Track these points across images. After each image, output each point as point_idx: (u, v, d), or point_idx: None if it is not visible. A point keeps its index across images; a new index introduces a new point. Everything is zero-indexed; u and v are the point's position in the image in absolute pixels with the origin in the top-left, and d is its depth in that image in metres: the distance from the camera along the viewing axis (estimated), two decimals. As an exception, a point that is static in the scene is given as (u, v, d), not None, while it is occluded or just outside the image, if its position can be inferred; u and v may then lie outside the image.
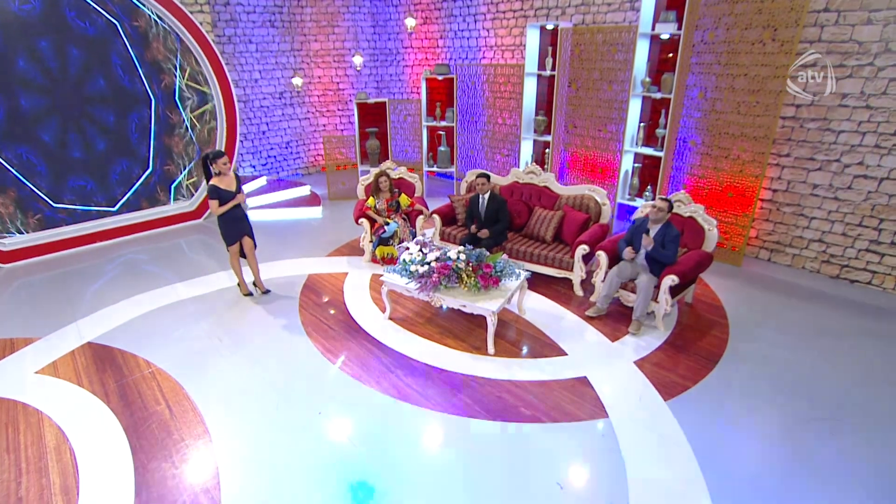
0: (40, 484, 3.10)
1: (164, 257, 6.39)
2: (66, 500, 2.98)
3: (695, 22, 5.60)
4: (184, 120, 7.23)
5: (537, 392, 3.78)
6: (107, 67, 6.46)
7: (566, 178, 7.49)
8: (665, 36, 5.83)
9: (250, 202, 8.17)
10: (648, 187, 6.38)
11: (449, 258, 4.30)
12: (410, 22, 8.34)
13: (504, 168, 8.21)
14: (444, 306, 4.46)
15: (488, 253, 4.50)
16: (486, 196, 5.54)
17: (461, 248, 4.46)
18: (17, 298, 5.41)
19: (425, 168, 8.69)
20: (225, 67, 7.13)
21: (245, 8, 8.50)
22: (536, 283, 5.42)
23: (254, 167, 9.53)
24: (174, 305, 5.15)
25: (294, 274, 5.84)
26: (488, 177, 5.52)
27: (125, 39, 6.47)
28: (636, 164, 6.47)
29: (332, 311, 5.00)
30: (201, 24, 6.79)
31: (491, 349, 4.25)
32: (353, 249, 6.48)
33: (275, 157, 9.80)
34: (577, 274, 5.17)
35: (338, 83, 9.97)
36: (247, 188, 8.52)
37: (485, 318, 4.22)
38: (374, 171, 6.41)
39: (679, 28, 5.55)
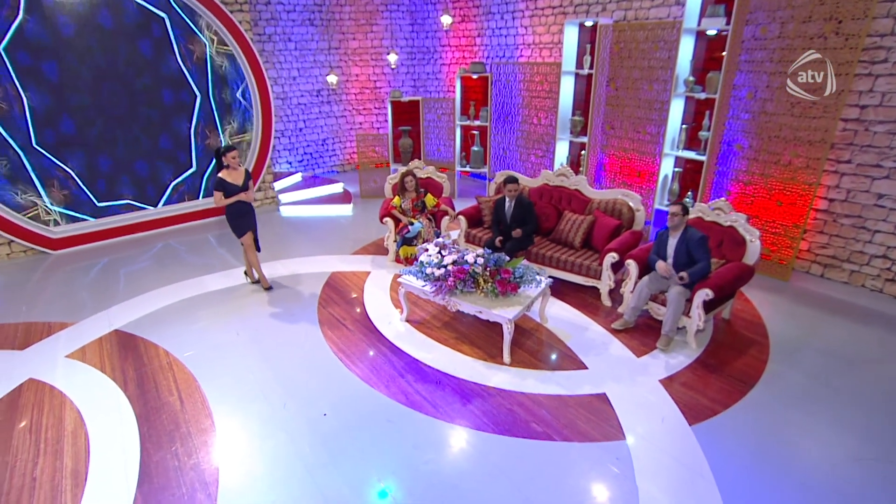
0: (54, 466, 3.20)
1: (196, 250, 6.57)
2: (74, 484, 3.05)
3: (745, 16, 5.19)
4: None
5: (551, 407, 3.57)
6: (155, 69, 6.69)
7: (602, 182, 7.17)
8: (712, 32, 5.45)
9: (284, 198, 8.32)
10: (689, 193, 6.00)
11: (466, 262, 4.16)
12: (446, 19, 8.23)
13: (538, 170, 7.96)
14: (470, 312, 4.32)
15: (508, 258, 4.32)
16: (514, 200, 5.34)
17: (480, 251, 4.30)
18: (61, 284, 5.69)
19: (458, 168, 8.57)
20: (262, 66, 7.27)
21: (286, 7, 8.65)
22: (562, 290, 5.19)
23: (290, 163, 9.70)
24: (199, 297, 5.26)
25: (317, 271, 5.86)
26: (517, 181, 5.32)
27: (172, 38, 6.67)
28: (677, 169, 6.09)
29: (357, 310, 4.96)
30: (240, 22, 6.94)
31: (507, 358, 4.08)
32: (378, 248, 6.44)
33: (311, 154, 9.94)
34: (605, 283, 4.90)
35: (375, 81, 10.00)
36: (281, 184, 8.68)
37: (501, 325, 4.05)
38: (402, 169, 6.35)
39: (728, 23, 5.16)
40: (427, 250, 4.54)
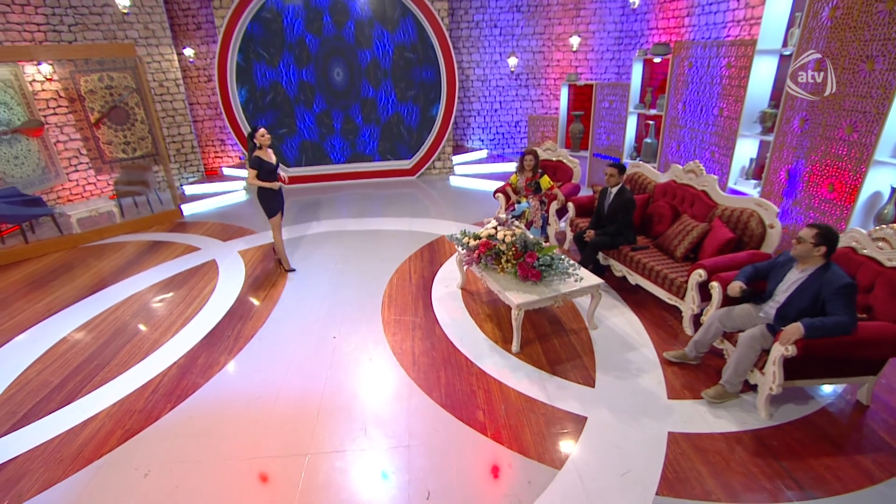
0: (182, 311, 4.44)
1: (369, 198, 7.65)
2: (181, 325, 4.19)
3: None
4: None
5: (515, 407, 3.05)
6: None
7: (797, 196, 5.20)
8: None
9: (459, 170, 8.79)
10: (905, 221, 3.88)
11: (495, 237, 3.78)
12: (636, -4, 7.05)
13: (715, 170, 6.28)
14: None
15: (544, 244, 3.72)
16: (615, 190, 4.48)
17: (518, 229, 3.84)
18: (276, 206, 7.50)
19: (626, 160, 7.46)
20: (453, 52, 7.74)
21: (495, -5, 8.86)
22: (644, 302, 4.21)
23: (481, 140, 10.08)
24: (338, 233, 6.20)
25: (433, 231, 6.14)
26: (622, 169, 4.44)
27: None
28: None
29: (430, 270, 5.09)
30: (437, 11, 7.49)
31: (515, 347, 3.61)
32: (497, 223, 6.31)
33: (502, 134, 10.09)
34: (688, 304, 3.73)
35: (576, 67, 9.37)
36: (464, 158, 9.16)
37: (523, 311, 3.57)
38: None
39: None
40: (489, 222, 4.29)
